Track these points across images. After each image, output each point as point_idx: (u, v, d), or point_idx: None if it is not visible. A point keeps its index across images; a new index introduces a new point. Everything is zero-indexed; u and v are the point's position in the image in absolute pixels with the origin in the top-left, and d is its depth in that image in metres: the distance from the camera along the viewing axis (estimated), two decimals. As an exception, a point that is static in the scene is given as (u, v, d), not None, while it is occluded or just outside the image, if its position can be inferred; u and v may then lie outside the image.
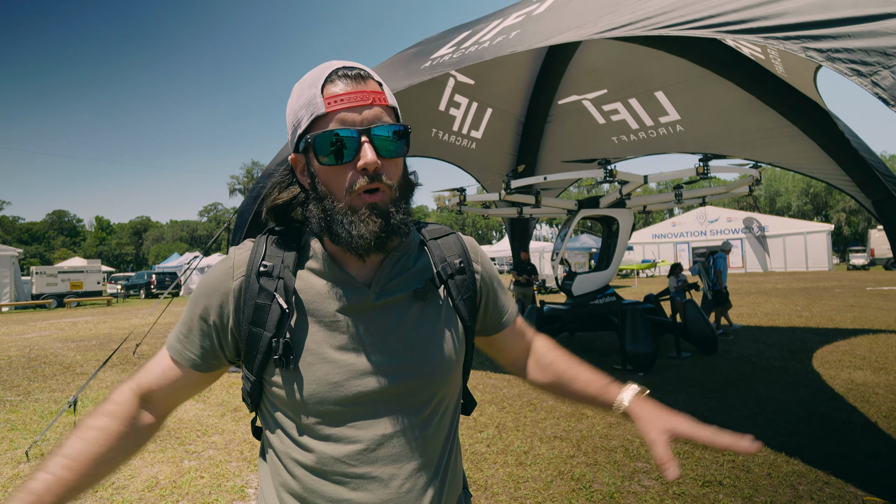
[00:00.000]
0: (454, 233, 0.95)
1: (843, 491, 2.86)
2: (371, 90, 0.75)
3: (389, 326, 0.81)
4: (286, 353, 0.76)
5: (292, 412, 0.79)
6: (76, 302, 23.08)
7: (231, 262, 0.81)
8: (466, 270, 0.91)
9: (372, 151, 0.73)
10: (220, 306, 0.80)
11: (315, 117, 0.74)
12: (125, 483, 3.28)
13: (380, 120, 0.75)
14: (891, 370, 5.50)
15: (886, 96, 1.82)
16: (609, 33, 2.91)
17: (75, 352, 8.91)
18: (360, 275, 0.83)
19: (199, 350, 0.82)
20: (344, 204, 0.75)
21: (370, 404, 0.78)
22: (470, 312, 0.91)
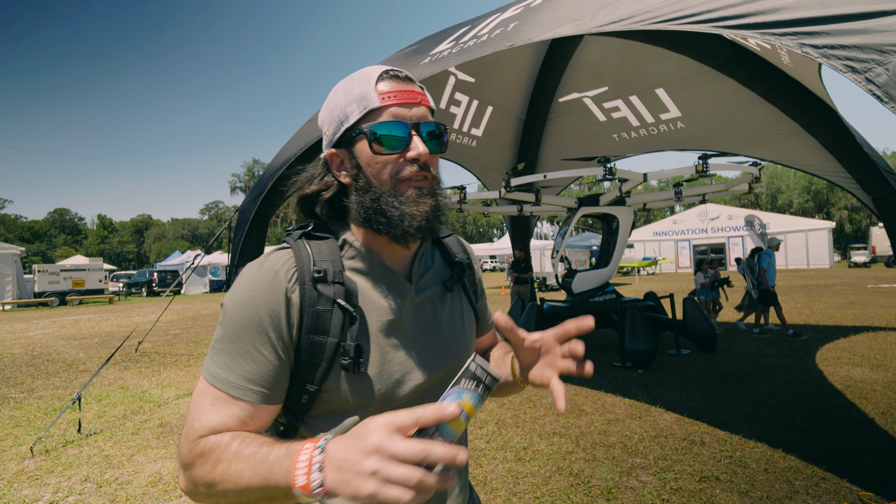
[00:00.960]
0: (453, 233, 1.04)
1: (840, 486, 2.88)
2: (418, 91, 0.83)
3: (429, 319, 0.88)
4: (357, 357, 0.76)
5: (362, 416, 0.77)
6: (78, 300, 23.16)
7: (275, 273, 0.77)
8: (471, 267, 1.02)
9: (422, 143, 0.79)
10: (277, 318, 0.75)
11: (368, 111, 0.79)
12: (129, 479, 3.31)
13: (426, 117, 0.82)
14: (889, 367, 5.51)
15: (881, 93, 1.83)
16: (607, 27, 2.92)
17: (78, 349, 8.96)
18: (399, 271, 0.88)
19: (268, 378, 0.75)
20: (389, 188, 0.80)
21: (419, 396, 0.84)
22: (475, 303, 1.02)
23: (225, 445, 0.69)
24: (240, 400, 0.73)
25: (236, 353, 0.74)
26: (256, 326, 0.74)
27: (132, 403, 5.17)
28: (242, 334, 0.74)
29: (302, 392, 0.78)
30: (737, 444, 3.54)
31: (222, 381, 0.73)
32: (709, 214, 31.91)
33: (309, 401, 0.78)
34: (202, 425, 0.72)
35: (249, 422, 0.74)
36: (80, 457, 3.73)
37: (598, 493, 2.93)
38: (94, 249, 75.12)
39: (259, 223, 6.95)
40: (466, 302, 0.98)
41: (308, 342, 0.76)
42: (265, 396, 0.75)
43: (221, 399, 0.73)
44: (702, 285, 8.47)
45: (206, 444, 0.70)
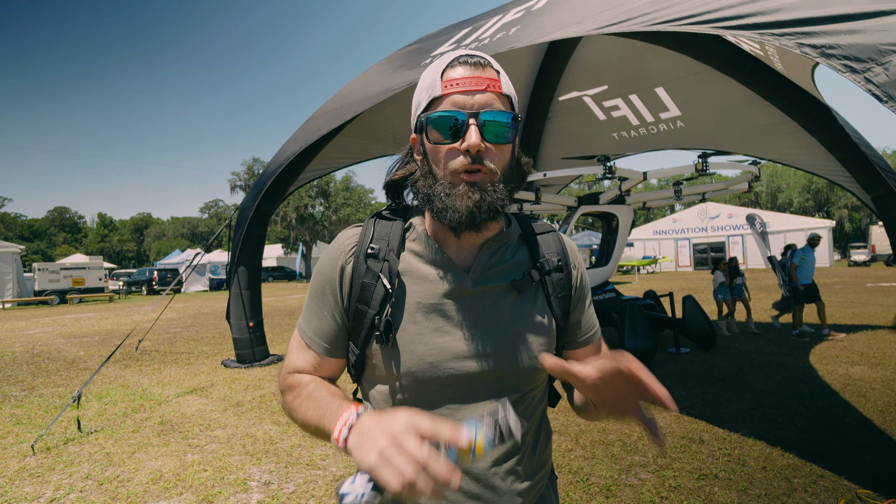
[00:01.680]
0: (555, 231, 0.97)
1: (837, 484, 2.89)
2: (487, 77, 0.78)
3: (485, 314, 0.84)
4: (386, 331, 0.81)
5: (388, 388, 0.85)
6: (78, 298, 23.16)
7: (340, 246, 0.88)
8: (564, 269, 0.92)
9: (477, 134, 0.75)
10: (334, 285, 0.87)
11: (432, 98, 0.79)
12: (130, 476, 3.32)
13: (490, 105, 0.77)
14: (888, 366, 5.52)
15: (879, 93, 1.84)
16: (608, 28, 2.93)
17: (78, 347, 8.97)
18: (459, 259, 0.87)
19: (329, 335, 0.88)
20: (444, 180, 0.79)
21: (462, 388, 0.83)
22: (563, 312, 0.91)
23: (305, 384, 0.85)
24: (310, 349, 0.89)
25: (310, 310, 0.90)
26: (321, 291, 0.88)
27: (133, 401, 5.18)
28: (314, 296, 0.89)
29: (351, 353, 0.89)
30: (735, 442, 3.56)
31: (302, 331, 0.91)
32: (709, 213, 31.92)
33: (357, 362, 0.89)
34: (291, 364, 0.91)
35: (319, 368, 0.90)
36: (80, 454, 3.74)
37: (597, 490, 2.94)
38: (94, 248, 75.12)
39: (259, 221, 6.97)
40: (544, 307, 0.89)
41: (354, 309, 0.85)
42: (327, 350, 0.89)
43: (301, 345, 0.90)
44: (721, 284, 8.25)
45: (293, 379, 0.88)
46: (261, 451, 3.69)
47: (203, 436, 4.06)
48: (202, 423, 4.39)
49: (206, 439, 3.98)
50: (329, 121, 5.40)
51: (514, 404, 0.85)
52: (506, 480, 0.84)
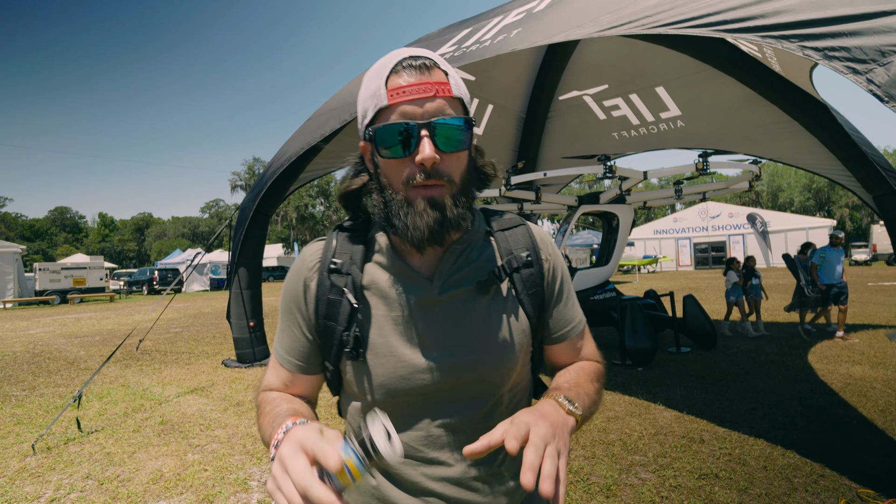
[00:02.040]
0: (524, 224, 0.92)
1: (838, 483, 2.89)
2: (435, 81, 0.74)
3: (454, 321, 0.82)
4: (356, 346, 0.80)
5: (363, 403, 0.84)
6: (79, 298, 23.18)
7: (304, 262, 0.87)
8: (534, 264, 0.87)
9: (430, 146, 0.72)
10: (300, 302, 0.86)
11: (379, 109, 0.75)
12: (130, 476, 3.33)
13: (442, 112, 0.74)
14: (889, 365, 5.52)
15: (881, 93, 1.84)
16: (609, 31, 2.93)
17: (79, 347, 8.98)
18: (422, 267, 0.84)
19: (300, 353, 0.87)
20: (401, 196, 0.76)
21: (435, 396, 0.81)
22: (536, 308, 0.88)
23: (270, 400, 0.85)
24: (282, 367, 0.89)
25: (280, 328, 0.90)
26: (289, 308, 0.87)
27: (133, 401, 5.19)
28: (283, 314, 0.89)
29: (325, 369, 0.89)
30: (736, 442, 3.56)
31: (274, 349, 0.91)
32: (709, 212, 31.90)
33: (333, 378, 0.88)
34: (264, 382, 0.91)
35: (291, 385, 0.89)
36: (81, 454, 3.75)
37: (598, 490, 2.94)
38: (95, 248, 75.18)
39: (259, 221, 6.97)
40: (515, 306, 0.86)
41: (322, 326, 0.84)
42: (299, 367, 0.88)
43: (274, 363, 0.90)
44: (734, 284, 7.99)
45: (262, 396, 0.88)
46: (261, 450, 3.69)
47: (203, 435, 4.06)
48: (202, 422, 4.39)
49: (206, 439, 3.98)
50: (329, 120, 5.40)
51: (490, 409, 0.83)
52: (488, 481, 0.83)
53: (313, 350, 0.87)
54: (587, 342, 0.98)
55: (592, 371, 0.92)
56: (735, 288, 7.93)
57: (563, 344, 0.94)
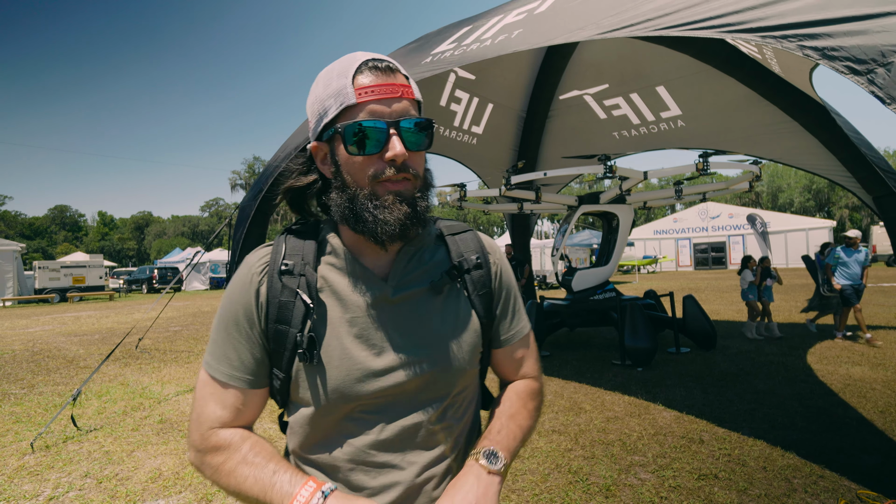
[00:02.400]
0: (471, 230, 0.97)
1: (838, 484, 2.89)
2: (399, 83, 0.77)
3: (408, 322, 0.83)
4: (310, 348, 0.78)
5: (314, 406, 0.80)
6: (79, 296, 23.17)
7: (250, 268, 0.84)
8: (483, 266, 0.91)
9: (400, 143, 0.75)
10: (249, 310, 0.81)
11: (345, 107, 0.75)
12: (129, 474, 3.32)
13: (407, 113, 0.77)
14: (889, 366, 5.52)
15: (882, 94, 1.83)
16: (611, 34, 2.92)
17: (78, 346, 8.98)
18: (377, 267, 0.84)
19: (251, 366, 0.81)
20: (368, 191, 0.77)
21: (390, 398, 0.81)
22: (486, 309, 0.91)
23: (236, 447, 0.78)
24: (229, 388, 0.81)
25: (222, 344, 0.82)
26: (234, 319, 0.81)
27: (132, 400, 5.18)
28: (226, 326, 0.82)
29: (275, 379, 0.83)
30: (735, 442, 3.55)
31: (214, 370, 0.81)
32: (709, 213, 31.90)
33: (282, 386, 0.83)
34: (208, 417, 0.80)
35: (244, 408, 0.82)
36: (80, 453, 3.74)
37: (597, 490, 2.94)
38: (95, 246, 75.15)
39: (259, 220, 6.95)
40: (467, 306, 0.88)
41: (274, 331, 0.80)
42: (251, 382, 0.82)
43: (216, 389, 0.81)
44: (750, 284, 7.75)
45: (218, 438, 0.79)
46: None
47: (203, 434, 4.06)
48: (202, 421, 4.39)
49: (205, 438, 3.97)
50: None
51: (443, 411, 0.85)
52: (438, 488, 0.83)
53: (263, 361, 0.82)
54: (529, 353, 1.00)
55: (527, 393, 0.96)
56: (752, 287, 7.74)
57: (507, 349, 0.97)
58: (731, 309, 11.01)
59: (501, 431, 0.86)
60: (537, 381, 1.00)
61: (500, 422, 0.89)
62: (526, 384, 0.98)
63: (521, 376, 0.99)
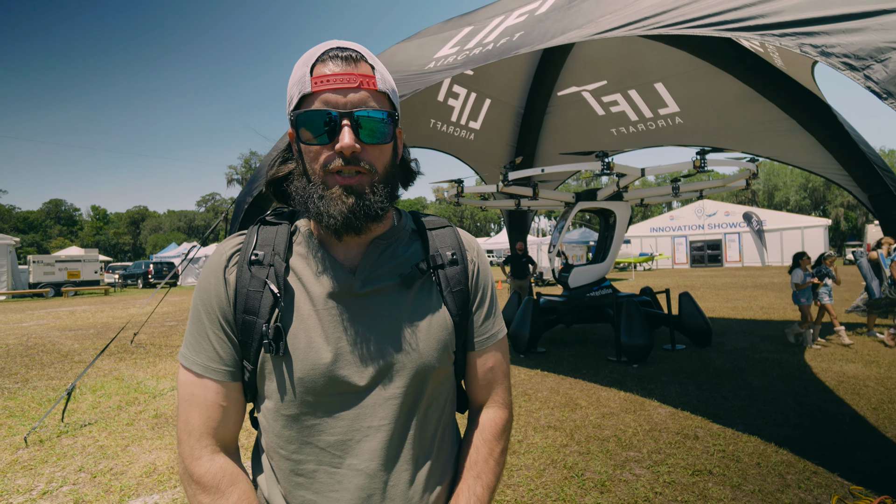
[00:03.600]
0: (451, 225, 0.94)
1: (830, 480, 2.91)
2: (361, 73, 0.74)
3: (375, 316, 0.81)
4: (276, 338, 0.76)
5: (283, 399, 0.78)
6: (73, 291, 23.07)
7: (220, 257, 0.82)
8: (459, 263, 0.89)
9: (350, 135, 0.72)
10: (221, 298, 0.80)
11: (302, 96, 0.74)
12: (123, 469, 3.31)
13: (365, 104, 0.74)
14: (882, 363, 5.56)
15: (879, 90, 1.83)
16: (611, 33, 2.92)
17: (73, 340, 8.94)
18: (346, 260, 0.83)
19: (230, 356, 0.80)
20: (318, 181, 0.76)
21: (355, 395, 0.78)
22: (460, 307, 0.88)
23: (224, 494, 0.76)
24: (206, 378, 0.79)
25: (197, 332, 0.80)
26: (207, 307, 0.80)
27: (127, 394, 5.17)
28: (199, 315, 0.80)
29: (244, 369, 0.81)
30: (730, 439, 3.57)
31: (189, 360, 0.80)
32: (706, 211, 31.96)
33: (251, 379, 0.81)
34: (196, 424, 0.78)
35: (227, 405, 0.80)
36: (74, 447, 3.73)
37: (592, 485, 2.95)
38: (90, 240, 74.73)
39: (255, 215, 6.93)
40: (439, 303, 0.86)
41: (242, 321, 0.78)
42: (231, 374, 0.80)
43: (195, 384, 0.79)
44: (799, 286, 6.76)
45: (207, 471, 0.77)
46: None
47: (198, 429, 4.05)
48: (197, 416, 4.38)
49: (200, 433, 3.97)
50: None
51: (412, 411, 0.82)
52: (408, 491, 0.80)
53: (237, 351, 0.81)
54: (501, 370, 0.95)
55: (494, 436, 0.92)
56: (805, 290, 6.77)
57: (481, 354, 0.92)
58: (726, 306, 11.06)
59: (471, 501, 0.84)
60: (506, 411, 0.95)
61: (466, 485, 0.86)
62: (493, 423, 0.93)
63: (489, 401, 0.95)
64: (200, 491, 0.76)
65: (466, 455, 0.91)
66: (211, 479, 0.77)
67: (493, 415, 0.94)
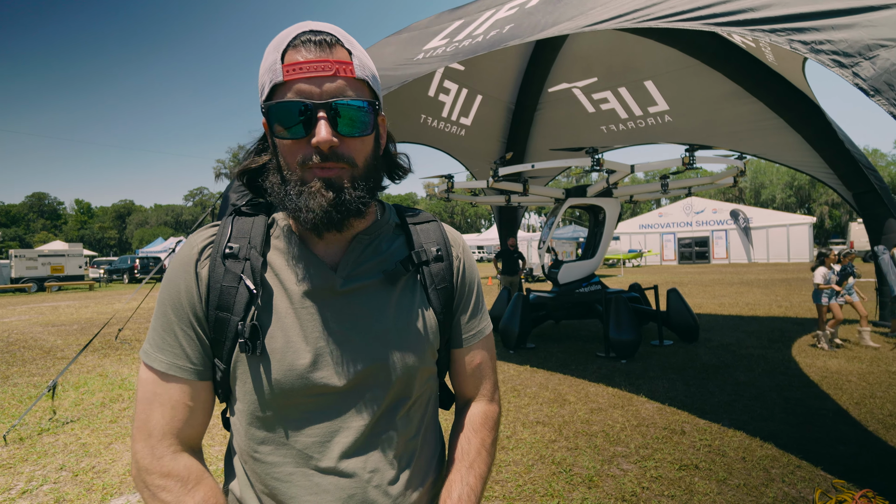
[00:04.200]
0: (436, 220, 0.91)
1: (814, 474, 2.95)
2: (336, 59, 0.69)
3: (358, 314, 0.77)
4: (252, 338, 0.72)
5: (258, 401, 0.75)
6: (57, 286, 22.65)
7: (191, 249, 0.77)
8: (444, 259, 0.86)
9: (327, 128, 0.67)
10: (191, 293, 0.75)
11: (274, 85, 0.69)
12: (106, 467, 3.25)
13: (342, 94, 0.69)
14: (863, 359, 5.65)
15: (867, 87, 1.84)
16: (600, 26, 2.91)
17: (56, 336, 8.78)
18: (327, 256, 0.79)
19: (197, 354, 0.76)
20: (298, 176, 0.71)
21: (335, 395, 0.75)
22: (444, 305, 0.85)
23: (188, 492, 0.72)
24: (171, 378, 0.74)
25: (161, 328, 0.75)
26: (175, 301, 0.75)
27: (111, 391, 5.08)
28: (165, 310, 0.75)
29: (216, 368, 0.77)
30: (716, 433, 3.61)
31: (153, 358, 0.75)
32: (694, 208, 32.29)
33: (224, 379, 0.77)
34: (157, 424, 0.73)
35: (193, 405, 0.75)
36: (55, 445, 3.66)
37: (580, 481, 2.96)
38: (74, 235, 73.53)
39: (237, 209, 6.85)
40: (423, 301, 0.83)
41: (214, 318, 0.74)
42: (198, 373, 0.76)
43: (157, 383, 0.74)
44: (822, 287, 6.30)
45: (173, 467, 0.72)
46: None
47: (183, 426, 4.00)
48: (183, 413, 4.32)
49: (186, 430, 3.91)
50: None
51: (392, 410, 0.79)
52: (390, 491, 0.77)
53: (206, 349, 0.76)
54: (488, 365, 0.94)
55: (485, 427, 0.91)
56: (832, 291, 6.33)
57: (467, 351, 0.91)
58: (713, 302, 11.19)
59: (462, 499, 0.82)
60: (495, 405, 0.95)
61: (459, 475, 0.84)
62: (483, 413, 0.92)
63: (478, 395, 0.93)
64: (162, 489, 0.71)
65: (456, 446, 0.88)
66: (176, 474, 0.72)
67: (482, 408, 0.92)
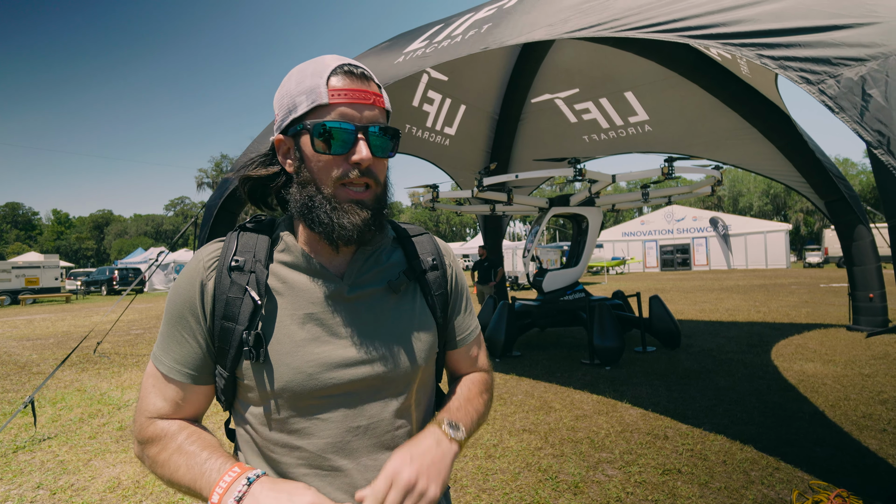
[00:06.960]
0: (427, 233, 0.99)
1: (792, 475, 3.03)
2: (372, 91, 0.79)
3: (362, 319, 0.83)
4: (256, 346, 0.77)
5: (264, 407, 0.79)
6: (32, 299, 22.02)
7: (199, 263, 0.82)
8: (439, 268, 0.94)
9: (367, 148, 0.76)
10: (194, 305, 0.80)
11: (316, 105, 0.76)
12: (85, 484, 3.18)
13: (377, 121, 0.79)
14: (839, 362, 5.81)
15: (832, 104, 1.93)
16: (578, 33, 2.98)
17: (31, 350, 8.54)
18: (333, 266, 0.85)
19: (193, 361, 0.81)
20: (329, 191, 0.78)
21: (342, 397, 0.80)
22: (441, 310, 0.93)
23: (172, 435, 0.78)
24: (171, 381, 0.81)
25: (168, 336, 0.82)
26: (179, 314, 0.81)
27: (90, 406, 4.96)
28: (173, 320, 0.82)
29: (220, 376, 0.82)
30: (698, 438, 3.67)
31: (159, 361, 0.82)
32: (675, 216, 32.91)
33: (227, 386, 0.82)
34: (149, 407, 0.81)
35: (183, 403, 0.82)
36: (32, 463, 3.56)
37: (566, 487, 2.98)
38: (50, 246, 71.66)
39: (226, 220, 6.77)
40: (423, 307, 0.91)
41: (220, 328, 0.79)
42: (192, 377, 0.81)
43: (159, 380, 0.81)
44: None
45: (156, 428, 0.79)
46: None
47: (165, 441, 3.92)
48: (164, 427, 4.23)
49: (168, 444, 3.84)
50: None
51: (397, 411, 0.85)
52: None
53: (207, 358, 0.82)
54: (482, 350, 1.06)
55: (482, 383, 1.01)
56: None
57: (461, 350, 1.01)
58: (694, 309, 11.38)
59: (460, 410, 0.90)
60: (489, 374, 1.05)
61: (458, 402, 0.92)
62: (480, 375, 1.03)
63: (475, 370, 1.04)
64: (150, 445, 0.79)
65: (453, 391, 0.97)
66: (159, 431, 0.79)
67: (479, 374, 1.04)
